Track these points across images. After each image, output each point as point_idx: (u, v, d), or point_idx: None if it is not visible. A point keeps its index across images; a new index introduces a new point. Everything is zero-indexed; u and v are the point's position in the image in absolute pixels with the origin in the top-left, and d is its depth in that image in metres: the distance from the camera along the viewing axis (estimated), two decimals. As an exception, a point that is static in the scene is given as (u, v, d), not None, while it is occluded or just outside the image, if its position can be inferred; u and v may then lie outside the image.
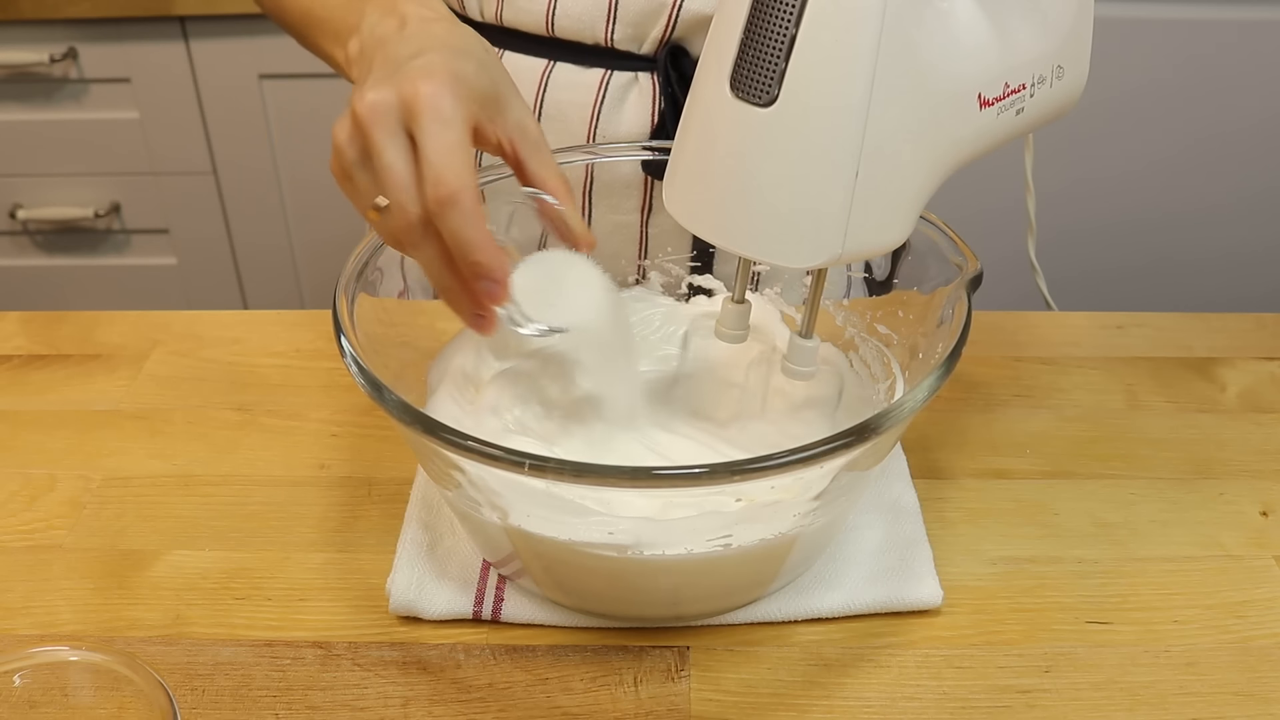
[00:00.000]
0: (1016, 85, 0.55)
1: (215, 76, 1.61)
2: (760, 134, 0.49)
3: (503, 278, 0.51)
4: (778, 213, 0.51)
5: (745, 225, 0.52)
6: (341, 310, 0.59)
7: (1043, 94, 0.57)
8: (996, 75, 0.54)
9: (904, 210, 0.53)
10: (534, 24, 0.81)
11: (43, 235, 1.76)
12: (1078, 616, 0.62)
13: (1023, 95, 0.56)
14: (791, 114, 0.48)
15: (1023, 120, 0.57)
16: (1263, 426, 0.75)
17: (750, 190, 0.51)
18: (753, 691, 0.58)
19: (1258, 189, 1.57)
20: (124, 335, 0.84)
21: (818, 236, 0.51)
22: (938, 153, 0.52)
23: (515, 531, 0.56)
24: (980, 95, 0.53)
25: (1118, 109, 1.52)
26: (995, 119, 0.55)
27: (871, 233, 0.52)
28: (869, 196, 0.50)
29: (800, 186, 0.50)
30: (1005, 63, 0.54)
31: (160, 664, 0.60)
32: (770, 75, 0.48)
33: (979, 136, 0.54)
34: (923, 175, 0.52)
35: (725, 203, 0.52)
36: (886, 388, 0.66)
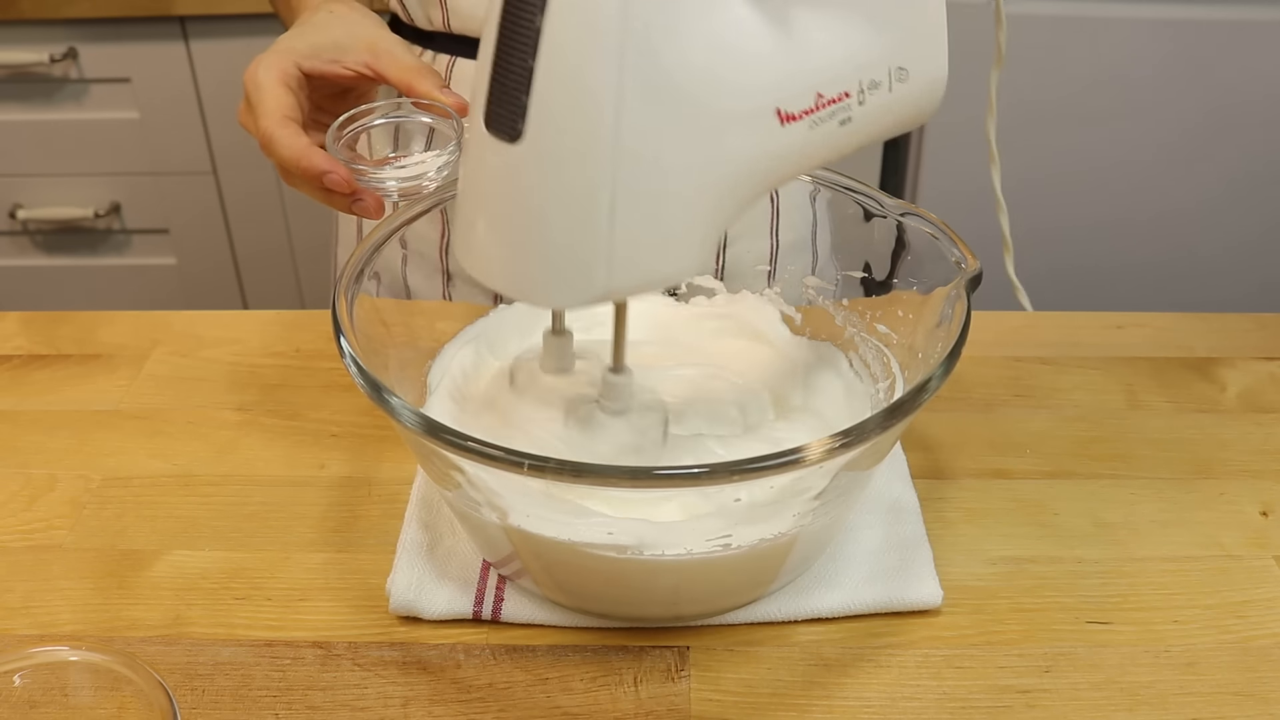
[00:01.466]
0: (835, 94, 0.51)
1: (215, 76, 1.61)
2: (510, 170, 0.47)
3: (330, 168, 0.61)
4: (536, 252, 0.48)
5: (507, 266, 0.49)
6: (341, 311, 0.59)
7: (879, 100, 0.53)
8: (800, 86, 0.50)
9: (687, 239, 0.49)
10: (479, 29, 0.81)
11: (43, 235, 1.76)
12: (1078, 616, 0.62)
13: (846, 104, 0.52)
14: (538, 149, 0.46)
15: (854, 130, 0.53)
16: (1263, 426, 0.75)
17: (507, 229, 0.49)
18: (753, 691, 0.58)
19: (1257, 189, 1.57)
20: (124, 335, 0.84)
21: (578, 275, 0.48)
22: (729, 175, 0.49)
23: (515, 532, 0.56)
24: (780, 110, 0.49)
25: (1117, 108, 1.52)
26: (809, 132, 0.51)
27: (644, 266, 0.49)
28: (633, 230, 0.47)
29: (554, 224, 0.47)
30: (809, 71, 0.50)
31: (160, 664, 0.60)
32: (516, 110, 0.46)
33: (793, 152, 0.51)
34: (709, 200, 0.49)
35: (489, 243, 0.50)
36: (886, 387, 0.66)
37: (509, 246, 0.49)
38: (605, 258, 0.47)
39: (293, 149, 0.61)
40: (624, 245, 0.47)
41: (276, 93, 0.63)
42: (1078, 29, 1.47)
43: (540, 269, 0.49)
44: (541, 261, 0.48)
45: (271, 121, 0.62)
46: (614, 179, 0.46)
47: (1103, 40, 1.48)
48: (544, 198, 0.47)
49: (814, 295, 0.72)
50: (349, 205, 0.63)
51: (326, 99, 0.68)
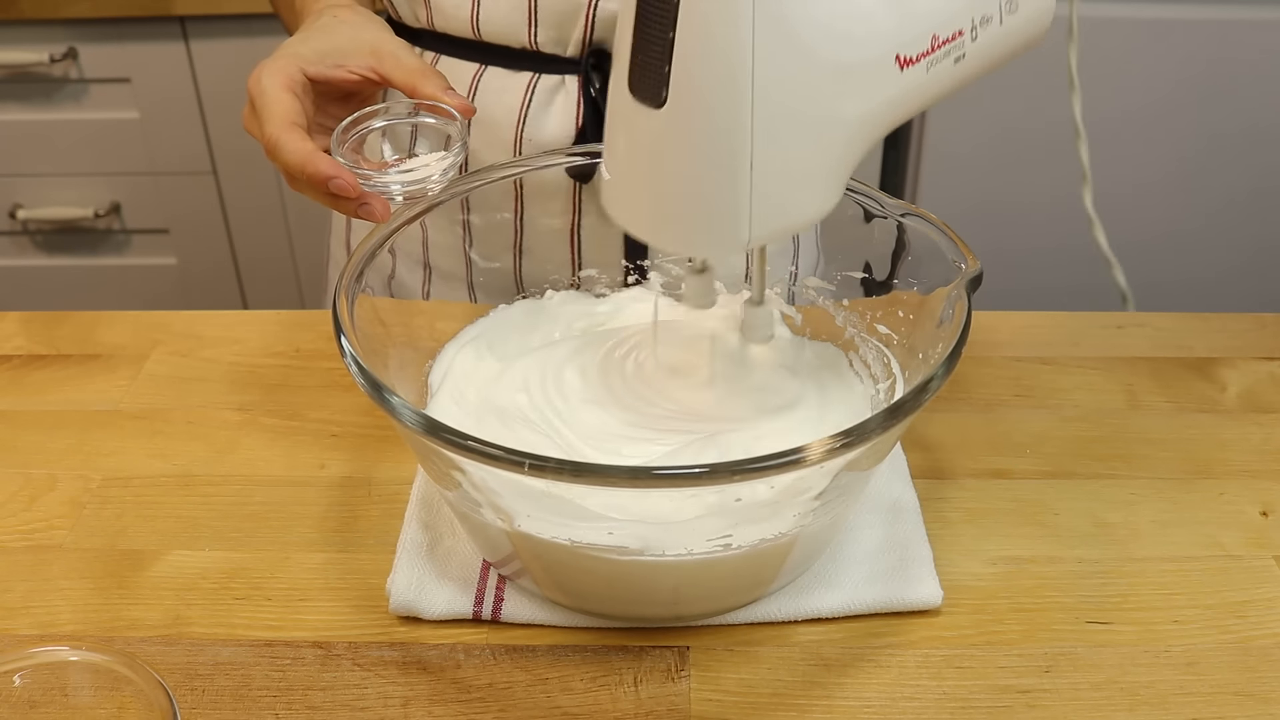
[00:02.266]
0: (949, 34, 0.53)
1: (215, 76, 1.61)
2: (657, 133, 0.51)
3: (335, 173, 0.61)
4: (681, 206, 0.53)
5: (657, 219, 0.54)
6: (341, 311, 0.59)
7: (991, 34, 0.55)
8: (917, 31, 0.52)
9: (818, 186, 0.53)
10: (460, 28, 0.82)
11: (43, 235, 1.76)
12: (1078, 616, 0.62)
13: (960, 43, 0.54)
14: (681, 114, 0.50)
15: (967, 66, 0.55)
16: (1263, 426, 0.75)
17: (656, 186, 0.53)
18: (753, 691, 0.58)
19: (1257, 189, 1.57)
20: (124, 335, 0.84)
21: (723, 226, 0.52)
22: (855, 121, 0.52)
23: (515, 532, 0.56)
24: (899, 56, 0.52)
25: (1117, 109, 1.52)
26: (926, 74, 0.53)
27: (781, 215, 0.53)
28: (771, 183, 0.51)
29: (697, 181, 0.51)
30: (925, 15, 0.53)
31: (160, 664, 0.60)
32: (659, 78, 0.50)
33: (911, 93, 0.54)
34: (839, 146, 0.53)
35: (639, 198, 0.55)
36: (887, 388, 0.66)
37: (658, 202, 0.54)
38: (747, 210, 0.51)
39: (298, 154, 0.61)
40: (763, 197, 0.51)
41: (281, 98, 0.64)
42: (1088, 34, 1.46)
43: (689, 223, 0.53)
44: (690, 216, 0.53)
45: (276, 127, 0.62)
46: (752, 137, 0.50)
47: (1101, 45, 1.48)
48: (689, 158, 0.51)
49: (814, 295, 0.72)
50: (355, 210, 0.63)
51: (331, 103, 0.69)
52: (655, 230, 0.55)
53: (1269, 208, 1.58)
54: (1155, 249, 1.61)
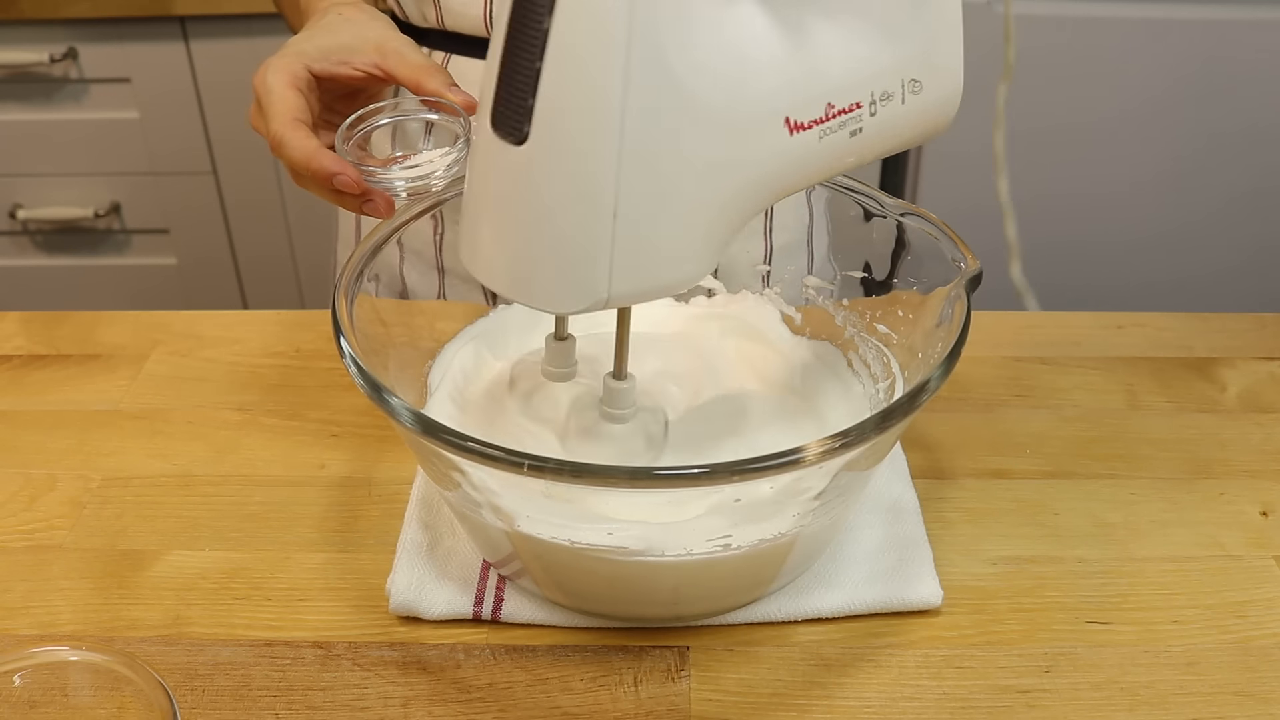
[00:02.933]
0: (846, 105, 0.50)
1: (215, 76, 1.61)
2: (515, 172, 0.47)
3: (339, 170, 0.61)
4: (538, 255, 0.48)
5: (511, 269, 0.49)
6: (341, 311, 0.59)
7: (891, 112, 0.52)
8: (811, 95, 0.49)
9: (691, 247, 0.49)
10: (473, 26, 0.81)
11: (43, 235, 1.76)
12: (1078, 616, 0.62)
13: (858, 115, 0.51)
14: (542, 152, 0.46)
15: (864, 142, 0.52)
16: (1263, 426, 0.75)
17: (512, 232, 0.48)
18: (753, 691, 0.58)
19: (1256, 189, 1.57)
20: (124, 335, 0.84)
21: (581, 280, 0.48)
22: (734, 183, 0.49)
23: (515, 532, 0.56)
24: (789, 119, 0.49)
25: (1115, 109, 1.52)
26: (819, 143, 0.50)
27: (646, 274, 0.48)
28: (636, 237, 0.47)
29: (558, 228, 0.47)
30: (820, 80, 0.50)
31: (160, 664, 0.60)
32: (521, 111, 0.46)
33: (802, 161, 0.50)
34: (714, 208, 0.49)
35: (494, 245, 0.50)
36: (886, 387, 0.66)
37: (512, 249, 0.49)
38: (607, 263, 0.47)
39: (303, 151, 0.62)
40: (627, 251, 0.47)
41: (286, 95, 0.64)
42: (1080, 31, 1.47)
43: (543, 273, 0.48)
44: (544, 265, 0.48)
45: (281, 124, 0.63)
46: (618, 184, 0.46)
47: (1096, 44, 1.48)
48: (547, 201, 0.47)
49: (814, 295, 0.72)
50: (359, 206, 0.63)
51: (337, 100, 0.69)
52: (509, 281, 0.50)
53: (1268, 207, 1.58)
54: (1154, 247, 1.61)
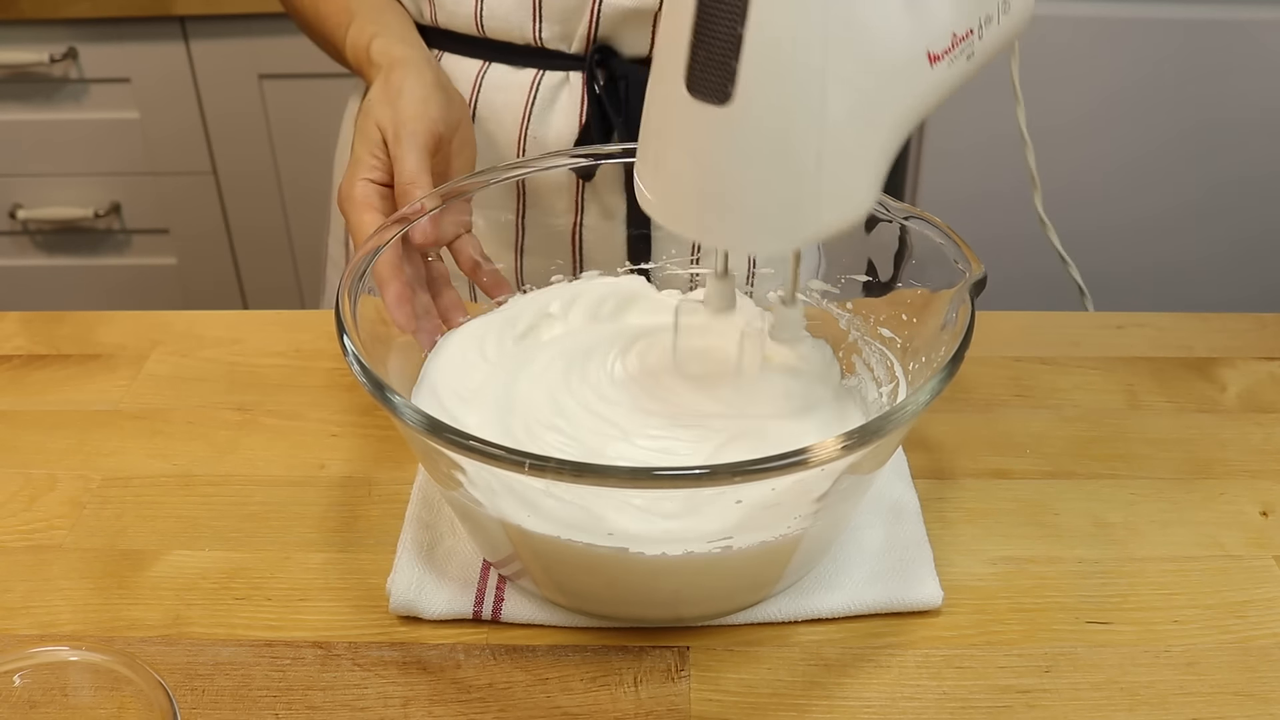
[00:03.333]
0: (964, 32, 0.54)
1: (215, 76, 1.61)
2: (721, 132, 0.50)
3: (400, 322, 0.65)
4: (747, 206, 0.51)
5: (718, 220, 0.53)
6: (344, 310, 0.59)
7: (991, 33, 0.57)
8: (944, 29, 0.53)
9: (868, 180, 0.53)
10: (464, 25, 0.82)
11: (43, 235, 1.76)
12: (1078, 616, 0.62)
13: (971, 40, 0.55)
14: (749, 111, 0.49)
15: (974, 63, 0.56)
16: (1263, 426, 0.76)
17: (719, 186, 0.52)
18: (753, 692, 0.58)
19: (1256, 189, 1.57)
20: (124, 335, 0.84)
21: (789, 223, 0.52)
22: (894, 118, 0.53)
23: (515, 532, 0.56)
24: (929, 53, 0.53)
25: (1114, 107, 1.52)
26: (947, 71, 0.54)
27: (840, 209, 0.53)
28: (834, 178, 0.51)
29: (766, 179, 0.50)
30: (952, 14, 0.54)
31: (160, 664, 0.60)
32: (724, 74, 0.48)
33: (932, 91, 0.54)
34: (881, 144, 0.53)
35: (696, 199, 0.53)
36: (889, 391, 0.66)
37: (718, 200, 0.52)
38: (814, 206, 0.51)
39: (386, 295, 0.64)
40: (827, 193, 0.51)
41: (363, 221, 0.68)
42: (1076, 31, 1.47)
43: (752, 220, 0.52)
44: (754, 213, 0.52)
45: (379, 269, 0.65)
46: (821, 136, 0.49)
47: (1102, 40, 1.48)
48: (756, 156, 0.50)
49: (818, 298, 0.72)
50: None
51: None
52: (712, 228, 0.54)
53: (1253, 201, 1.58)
54: (1143, 239, 1.61)
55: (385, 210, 0.69)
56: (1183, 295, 1.63)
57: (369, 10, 0.81)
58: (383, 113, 0.71)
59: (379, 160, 0.70)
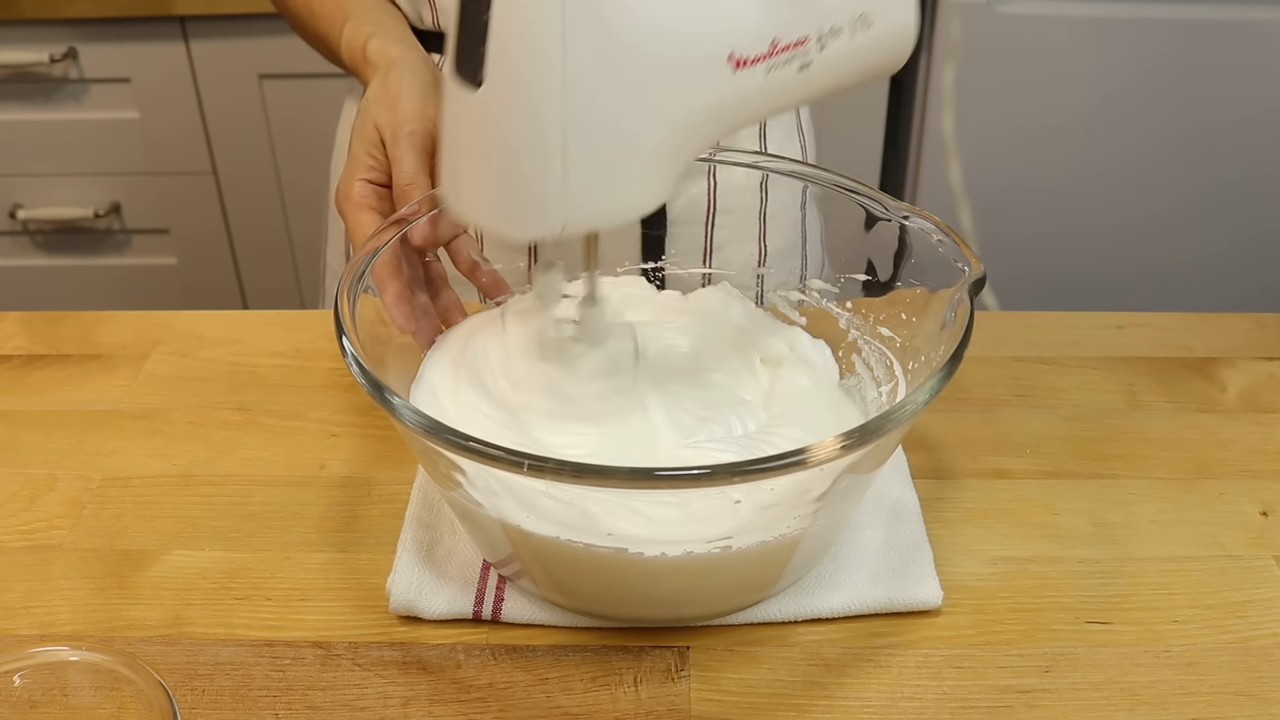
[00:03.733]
0: (792, 40, 0.53)
1: (215, 76, 1.61)
2: (475, 114, 0.52)
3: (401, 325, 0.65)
4: (500, 187, 0.53)
5: (477, 199, 0.55)
6: (344, 311, 0.59)
7: (840, 48, 0.55)
8: (754, 32, 0.52)
9: (640, 178, 0.53)
10: None
11: (43, 235, 1.76)
12: (1078, 616, 0.62)
13: (805, 50, 0.53)
14: (495, 94, 0.51)
15: (813, 76, 0.55)
16: (1263, 426, 0.76)
17: (477, 167, 0.54)
18: (753, 692, 0.58)
19: (1256, 189, 1.57)
20: (124, 335, 0.84)
21: (538, 209, 0.52)
22: (681, 118, 0.52)
23: (515, 532, 0.56)
24: (734, 56, 0.51)
25: (1113, 107, 1.52)
26: (766, 78, 0.53)
27: (598, 202, 0.53)
28: (586, 168, 0.51)
29: (514, 162, 0.52)
30: (764, 17, 0.52)
31: (160, 664, 0.60)
32: (476, 59, 0.50)
33: (750, 96, 0.53)
34: (661, 141, 0.52)
35: (463, 179, 0.55)
36: (889, 390, 0.66)
37: (479, 182, 0.54)
38: (560, 193, 0.51)
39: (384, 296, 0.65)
40: (578, 182, 0.51)
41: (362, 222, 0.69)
42: (1076, 30, 1.47)
43: (505, 203, 0.53)
44: (506, 196, 0.53)
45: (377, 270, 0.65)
46: (564, 121, 0.50)
47: (1097, 41, 1.48)
48: (504, 138, 0.51)
49: (817, 297, 0.72)
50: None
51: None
52: (477, 210, 0.56)
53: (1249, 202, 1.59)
54: (1140, 239, 1.61)
55: (383, 211, 0.69)
56: (1183, 295, 1.63)
57: (364, 11, 0.81)
58: (380, 114, 0.71)
59: (377, 161, 0.70)
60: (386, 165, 0.70)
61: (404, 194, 0.68)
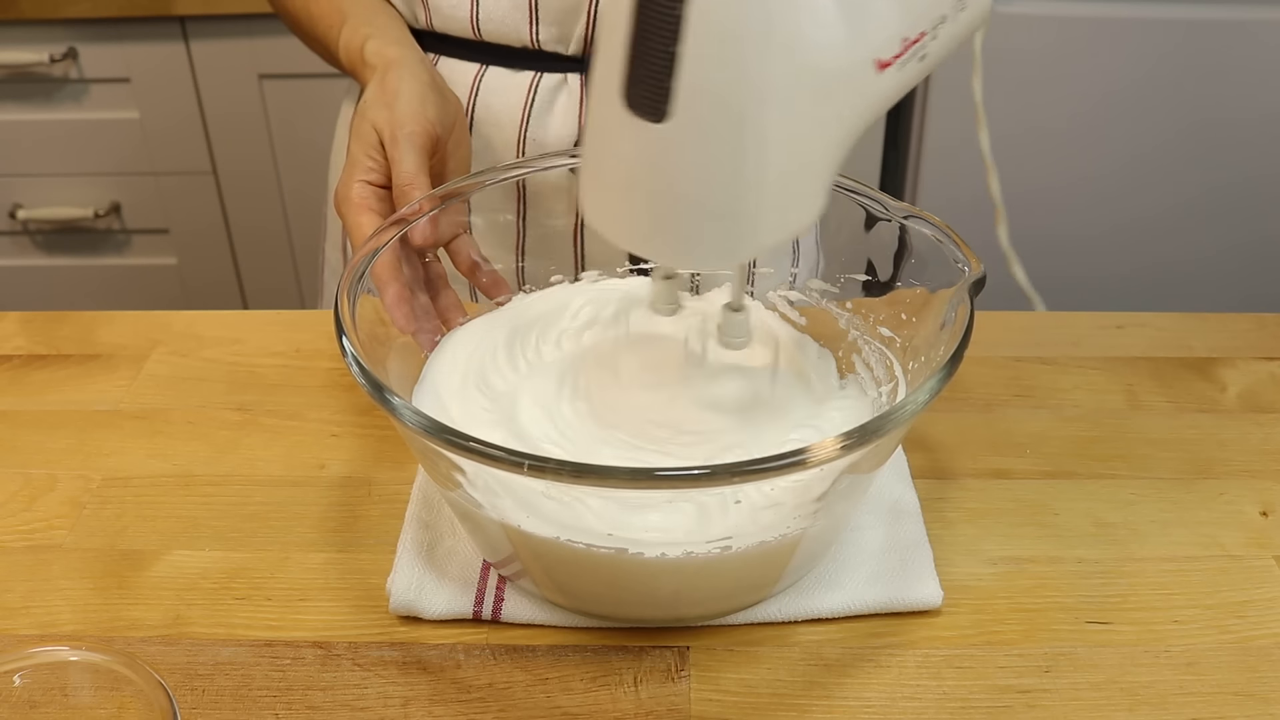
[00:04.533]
0: (915, 35, 0.54)
1: (215, 76, 1.61)
2: (657, 147, 0.49)
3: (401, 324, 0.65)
4: (682, 218, 0.51)
5: (653, 231, 0.52)
6: (343, 311, 0.59)
7: (945, 31, 0.56)
8: (892, 35, 0.53)
9: (815, 188, 0.53)
10: (460, 29, 0.82)
11: (43, 235, 1.76)
12: (1078, 616, 0.62)
13: (923, 43, 0.55)
14: (687, 129, 0.48)
15: (927, 64, 0.56)
16: (1263, 426, 0.76)
17: (657, 203, 0.51)
18: (753, 692, 0.58)
19: (1255, 189, 1.57)
20: (124, 335, 0.84)
21: (727, 238, 0.52)
22: (841, 125, 0.52)
23: (515, 532, 0.56)
24: (878, 60, 0.52)
25: (1113, 109, 1.52)
26: (897, 74, 0.54)
27: (785, 220, 0.53)
28: (777, 193, 0.51)
29: (702, 194, 0.50)
30: (901, 21, 0.53)
31: (160, 664, 0.60)
32: (659, 93, 0.48)
33: (882, 95, 0.54)
34: (828, 151, 0.53)
35: (636, 214, 0.52)
36: (889, 390, 0.66)
37: (655, 215, 0.52)
38: (753, 220, 0.51)
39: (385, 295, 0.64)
40: (768, 207, 0.51)
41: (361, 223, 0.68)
42: (1078, 30, 1.47)
43: (690, 235, 0.52)
44: (692, 228, 0.51)
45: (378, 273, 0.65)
46: (761, 152, 0.49)
47: (1100, 41, 1.48)
48: (694, 171, 0.50)
49: (817, 297, 0.72)
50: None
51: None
52: (651, 242, 0.53)
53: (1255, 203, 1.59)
54: (1145, 241, 1.62)
55: (382, 212, 0.69)
56: (1183, 296, 1.63)
57: (362, 12, 0.81)
58: (379, 114, 0.71)
59: (375, 162, 0.70)
60: (385, 166, 0.70)
61: (404, 194, 0.68)
